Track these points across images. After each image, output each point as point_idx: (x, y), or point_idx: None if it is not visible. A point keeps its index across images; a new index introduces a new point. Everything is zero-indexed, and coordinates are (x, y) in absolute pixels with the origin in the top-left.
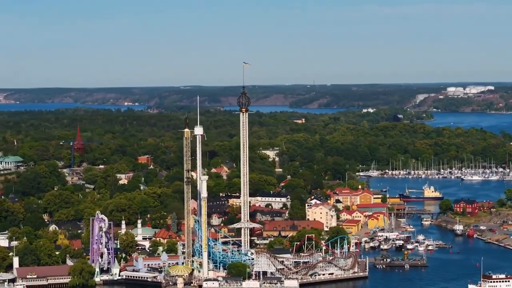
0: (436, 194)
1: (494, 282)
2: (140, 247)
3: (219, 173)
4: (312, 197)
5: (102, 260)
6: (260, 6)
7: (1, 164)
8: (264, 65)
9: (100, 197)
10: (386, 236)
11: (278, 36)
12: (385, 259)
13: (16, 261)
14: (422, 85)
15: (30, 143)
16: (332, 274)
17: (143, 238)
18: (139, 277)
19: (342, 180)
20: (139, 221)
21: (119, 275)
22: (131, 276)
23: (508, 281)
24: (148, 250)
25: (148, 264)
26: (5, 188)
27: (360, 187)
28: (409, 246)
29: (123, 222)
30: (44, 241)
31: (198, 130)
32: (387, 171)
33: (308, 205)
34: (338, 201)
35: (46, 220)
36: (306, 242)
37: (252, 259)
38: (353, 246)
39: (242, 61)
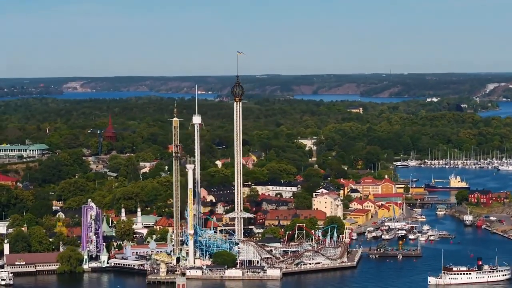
0: (462, 184)
1: (454, 274)
2: (137, 235)
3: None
4: (321, 186)
5: (91, 248)
6: None
7: (25, 152)
8: (343, 54)
9: (118, 185)
10: (389, 226)
11: (358, 26)
12: (379, 249)
13: (7, 247)
14: (496, 74)
15: (63, 131)
16: (319, 263)
17: (143, 226)
18: (126, 264)
19: (375, 169)
20: (138, 209)
21: (108, 263)
22: (119, 264)
23: (470, 273)
24: (144, 238)
25: (136, 252)
26: (25, 176)
27: (386, 176)
28: (411, 236)
29: (123, 210)
30: (37, 228)
31: (196, 119)
32: (426, 161)
33: (315, 195)
34: (354, 190)
35: (58, 208)
36: (297, 231)
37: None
38: (354, 235)
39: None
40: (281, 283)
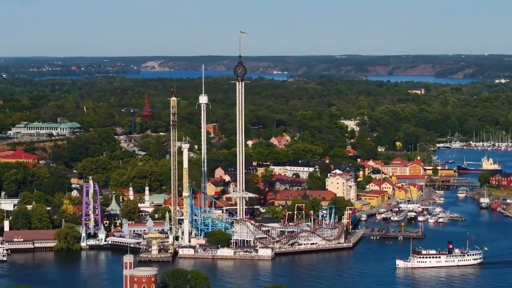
0: (495, 167)
1: (423, 258)
2: (143, 214)
3: (271, 142)
4: (333, 167)
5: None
6: None
7: (55, 130)
8: (424, 34)
9: (143, 164)
10: (399, 208)
11: (441, 6)
12: (381, 231)
13: (6, 224)
14: None
15: (101, 109)
16: (314, 244)
17: (151, 205)
18: (123, 242)
19: (413, 151)
20: (146, 188)
21: (105, 240)
22: (116, 242)
23: (439, 257)
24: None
25: (134, 230)
26: (52, 153)
27: (419, 158)
28: (420, 218)
29: (131, 188)
30: (39, 205)
31: (203, 99)
32: (470, 142)
33: (329, 176)
34: (376, 171)
35: (79, 186)
36: (297, 212)
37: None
38: (363, 216)
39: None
40: (272, 263)
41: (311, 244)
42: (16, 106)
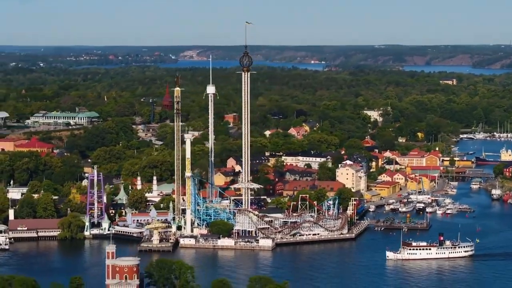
0: None
1: (413, 249)
2: (150, 203)
3: (289, 132)
4: (347, 157)
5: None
6: None
7: (73, 119)
8: (464, 24)
9: (158, 153)
10: (407, 199)
11: None
12: (386, 222)
13: (11, 213)
14: None
15: (122, 99)
16: (317, 234)
17: (159, 194)
18: (126, 232)
19: (434, 142)
20: (154, 178)
21: (109, 230)
22: (119, 231)
23: (430, 249)
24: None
25: (137, 220)
26: (68, 143)
27: (437, 149)
28: (429, 210)
29: (139, 178)
30: (45, 194)
31: (210, 89)
32: (494, 133)
33: (339, 166)
34: (389, 162)
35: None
36: (301, 202)
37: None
38: (371, 207)
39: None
40: (273, 253)
41: (313, 234)
42: (37, 95)
